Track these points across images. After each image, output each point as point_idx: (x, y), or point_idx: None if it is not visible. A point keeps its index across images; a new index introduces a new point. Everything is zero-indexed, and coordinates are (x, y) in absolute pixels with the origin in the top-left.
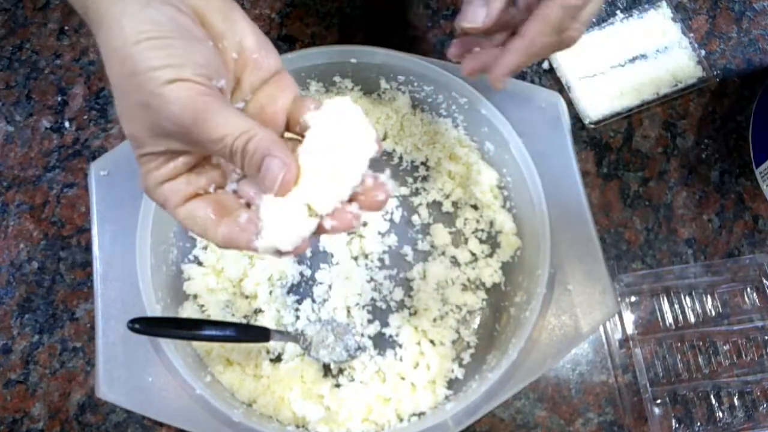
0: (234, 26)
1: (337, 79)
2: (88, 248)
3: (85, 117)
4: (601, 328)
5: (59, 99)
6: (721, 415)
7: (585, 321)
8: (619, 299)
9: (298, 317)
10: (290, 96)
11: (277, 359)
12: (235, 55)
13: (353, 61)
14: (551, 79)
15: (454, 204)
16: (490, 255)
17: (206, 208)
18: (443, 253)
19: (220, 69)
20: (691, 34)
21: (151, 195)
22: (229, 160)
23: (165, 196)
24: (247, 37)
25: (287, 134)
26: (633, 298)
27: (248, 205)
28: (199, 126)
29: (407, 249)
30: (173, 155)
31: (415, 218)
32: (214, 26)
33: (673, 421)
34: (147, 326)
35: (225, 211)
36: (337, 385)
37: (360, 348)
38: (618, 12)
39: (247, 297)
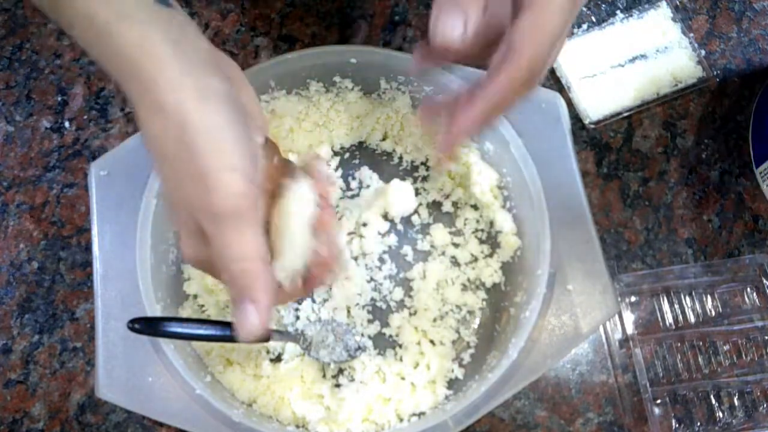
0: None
1: (337, 79)
2: (88, 248)
3: (85, 117)
4: (601, 328)
5: (59, 99)
6: (721, 415)
7: (585, 321)
8: (619, 299)
9: (298, 317)
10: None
11: (277, 359)
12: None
13: (353, 61)
14: (551, 79)
15: (454, 204)
16: (490, 255)
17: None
18: (443, 253)
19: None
20: (691, 34)
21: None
22: (216, 270)
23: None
24: (254, 108)
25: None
26: (633, 298)
27: None
28: (224, 232)
29: (407, 249)
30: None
31: (415, 218)
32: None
33: (673, 421)
34: (147, 326)
35: None
36: (337, 385)
37: (360, 348)
38: (618, 12)
39: None
